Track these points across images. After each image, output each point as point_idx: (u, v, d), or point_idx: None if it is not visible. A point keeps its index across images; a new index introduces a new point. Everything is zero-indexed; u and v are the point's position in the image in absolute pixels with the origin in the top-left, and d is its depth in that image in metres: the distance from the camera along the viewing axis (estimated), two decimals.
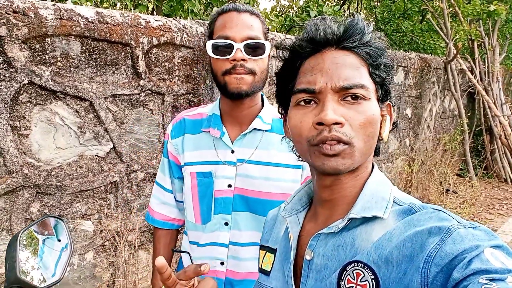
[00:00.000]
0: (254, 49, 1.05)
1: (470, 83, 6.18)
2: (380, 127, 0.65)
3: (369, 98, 0.62)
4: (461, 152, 6.10)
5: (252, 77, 1.07)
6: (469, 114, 6.37)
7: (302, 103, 0.64)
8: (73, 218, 2.10)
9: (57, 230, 0.75)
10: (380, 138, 0.66)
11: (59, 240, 0.75)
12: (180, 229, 1.36)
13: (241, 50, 1.04)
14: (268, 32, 1.14)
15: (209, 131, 1.18)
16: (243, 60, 1.05)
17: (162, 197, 1.32)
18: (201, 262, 1.20)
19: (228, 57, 1.05)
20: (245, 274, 1.17)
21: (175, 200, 1.32)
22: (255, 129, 1.15)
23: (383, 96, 0.65)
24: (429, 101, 5.45)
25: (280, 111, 0.74)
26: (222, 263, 1.18)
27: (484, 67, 6.23)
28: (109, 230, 2.24)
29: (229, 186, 1.15)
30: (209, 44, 1.07)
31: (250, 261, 1.16)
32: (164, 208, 1.32)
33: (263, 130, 1.15)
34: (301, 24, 0.68)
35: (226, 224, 1.16)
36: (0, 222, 1.85)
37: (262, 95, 1.20)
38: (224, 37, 1.06)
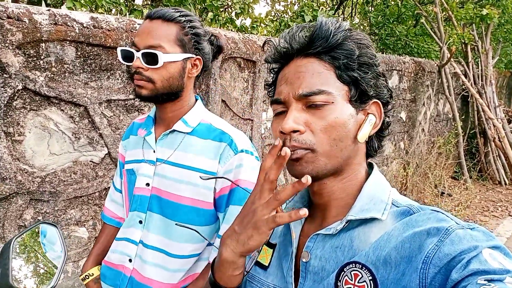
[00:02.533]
0: (151, 58, 1.07)
1: (463, 87, 6.23)
2: (360, 127, 0.65)
3: (332, 102, 0.62)
4: (455, 155, 6.14)
5: (151, 85, 1.09)
6: (463, 117, 6.41)
7: (278, 113, 0.67)
8: (67, 224, 2.09)
9: (51, 237, 0.74)
10: (361, 141, 0.65)
11: (53, 247, 0.74)
12: None
13: (139, 58, 1.07)
14: (195, 37, 1.13)
15: (139, 132, 1.24)
16: (141, 68, 1.07)
17: (113, 195, 1.38)
18: (118, 255, 1.20)
19: (131, 64, 1.09)
20: (149, 280, 1.16)
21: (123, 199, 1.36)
22: (175, 130, 1.16)
23: (361, 95, 0.65)
24: (424, 104, 5.48)
25: None
26: (130, 260, 1.19)
27: (478, 71, 6.28)
28: None
29: (147, 184, 1.17)
30: (118, 50, 1.11)
31: (152, 267, 1.16)
32: (113, 205, 1.37)
33: (184, 133, 1.16)
34: (271, 40, 0.71)
35: (140, 222, 1.18)
36: None
37: (197, 99, 1.22)
38: (132, 43, 1.10)
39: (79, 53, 1.94)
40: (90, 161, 2.11)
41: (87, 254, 2.18)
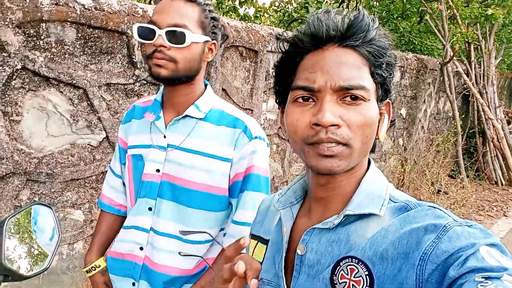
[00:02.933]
0: (176, 37, 1.04)
1: (465, 86, 6.21)
2: (378, 127, 0.64)
3: (369, 100, 0.60)
4: (453, 154, 6.15)
5: (173, 65, 1.05)
6: (463, 116, 6.41)
7: (300, 100, 0.62)
8: (63, 207, 2.08)
9: (45, 218, 0.73)
10: (377, 138, 0.65)
11: (47, 228, 0.74)
12: (125, 217, 1.34)
13: (162, 36, 1.03)
14: (213, 21, 1.11)
15: (146, 116, 1.19)
16: (163, 46, 1.04)
17: (112, 182, 1.32)
18: (127, 244, 1.17)
19: (150, 42, 1.04)
20: (163, 267, 1.14)
21: (124, 186, 1.31)
22: (188, 116, 1.13)
23: (383, 95, 0.64)
24: (424, 101, 5.47)
25: (277, 101, 0.73)
26: (141, 248, 1.16)
27: (480, 70, 6.26)
28: None
29: (157, 171, 1.14)
30: (134, 27, 1.07)
31: (166, 253, 1.14)
32: (112, 192, 1.32)
33: (197, 118, 1.13)
34: (304, 17, 0.65)
35: (150, 209, 1.15)
36: None
37: (206, 84, 1.20)
38: (151, 21, 1.05)
39: (79, 35, 1.92)
40: (88, 144, 2.11)
41: (82, 236, 2.18)
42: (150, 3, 4.04)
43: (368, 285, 0.57)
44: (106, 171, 2.19)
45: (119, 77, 2.13)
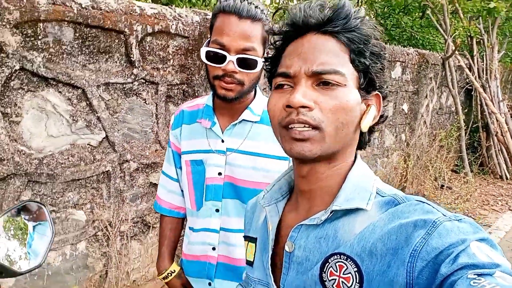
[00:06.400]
0: (247, 63, 1.06)
1: (467, 80, 6.17)
2: (362, 117, 0.64)
3: (345, 85, 0.60)
4: (457, 149, 6.11)
5: (240, 87, 1.09)
6: (466, 110, 6.38)
7: (280, 86, 0.64)
8: (65, 207, 2.09)
9: (39, 216, 0.73)
10: (361, 129, 0.64)
11: (41, 226, 0.73)
12: (184, 218, 1.41)
13: (233, 62, 1.05)
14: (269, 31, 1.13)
15: (201, 122, 1.22)
16: (234, 72, 1.06)
17: (169, 186, 1.36)
18: (200, 246, 1.23)
19: (220, 66, 1.06)
20: (239, 260, 1.20)
21: (180, 189, 1.37)
22: (244, 120, 1.18)
23: (368, 85, 0.64)
24: (426, 96, 5.44)
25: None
26: (213, 248, 1.23)
27: (483, 64, 6.22)
28: (102, 220, 2.23)
29: (219, 174, 1.19)
30: (203, 50, 1.08)
31: (240, 247, 1.20)
32: (171, 196, 1.36)
33: (252, 122, 1.18)
34: (286, 8, 0.67)
35: (217, 210, 1.21)
36: None
37: (255, 86, 1.22)
38: (219, 43, 1.06)
39: (77, 34, 1.92)
40: (87, 144, 2.11)
41: (85, 237, 2.18)
42: (147, 1, 4.03)
43: (357, 281, 0.56)
44: (107, 171, 2.20)
45: (118, 76, 2.13)
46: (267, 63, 0.70)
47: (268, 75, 0.71)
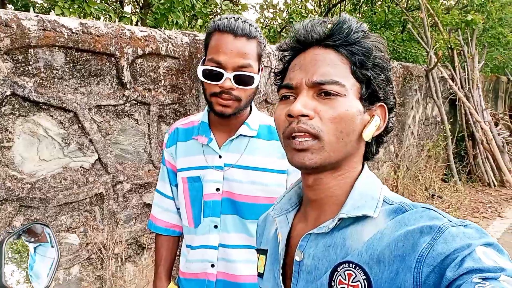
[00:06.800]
0: (244, 80, 1.08)
1: (451, 90, 6.32)
2: (365, 127, 0.65)
3: (344, 95, 0.62)
4: (444, 158, 6.21)
5: (237, 103, 1.11)
6: (451, 120, 6.50)
7: (284, 98, 0.67)
8: (58, 231, 2.06)
9: (44, 238, 0.73)
10: (366, 139, 0.66)
11: (46, 248, 0.73)
12: (180, 236, 1.40)
13: (230, 79, 1.07)
14: (264, 47, 1.16)
15: (197, 138, 1.23)
16: (231, 88, 1.08)
17: (164, 204, 1.35)
18: (198, 264, 1.22)
19: (217, 83, 1.08)
20: (240, 277, 1.19)
21: (176, 207, 1.36)
22: (241, 135, 1.19)
23: (371, 95, 0.65)
24: (412, 108, 5.55)
25: None
26: (212, 265, 1.21)
27: (464, 75, 6.39)
28: (95, 243, 2.20)
29: (217, 189, 1.19)
30: (200, 68, 1.10)
31: (241, 263, 1.19)
32: (166, 215, 1.35)
33: (249, 136, 1.19)
34: (291, 25, 0.72)
35: (216, 227, 1.20)
36: None
37: (251, 102, 1.23)
38: (216, 61, 1.08)
39: (68, 59, 1.93)
40: (80, 167, 2.10)
41: (78, 260, 2.15)
42: (136, 24, 4.08)
43: None
44: (100, 193, 2.19)
45: (109, 98, 2.14)
46: (276, 77, 0.74)
47: (277, 89, 0.74)
